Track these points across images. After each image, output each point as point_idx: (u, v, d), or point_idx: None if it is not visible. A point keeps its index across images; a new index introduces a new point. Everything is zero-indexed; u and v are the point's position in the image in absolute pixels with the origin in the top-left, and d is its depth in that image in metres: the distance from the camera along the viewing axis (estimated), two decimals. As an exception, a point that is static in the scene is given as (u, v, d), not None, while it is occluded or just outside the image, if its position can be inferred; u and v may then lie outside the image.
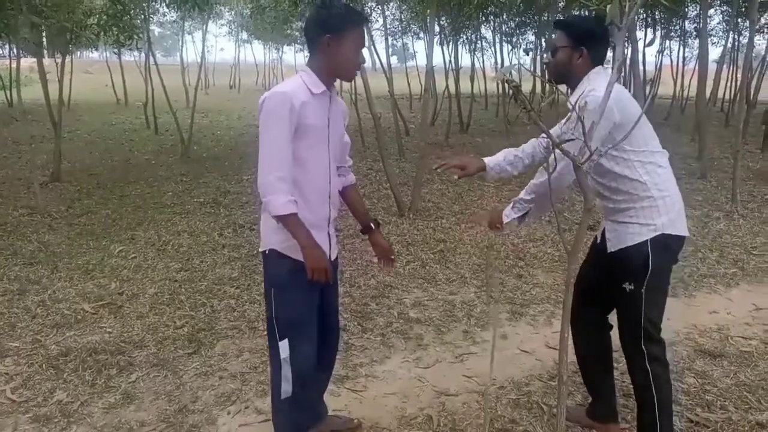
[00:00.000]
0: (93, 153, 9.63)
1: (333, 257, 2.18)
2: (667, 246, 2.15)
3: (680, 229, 2.17)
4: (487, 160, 2.40)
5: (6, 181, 7.23)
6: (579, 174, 1.70)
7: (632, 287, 2.17)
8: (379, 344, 3.31)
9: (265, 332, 2.53)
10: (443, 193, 6.87)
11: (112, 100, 19.25)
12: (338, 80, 2.14)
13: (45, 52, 14.40)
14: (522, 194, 2.31)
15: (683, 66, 16.52)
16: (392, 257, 2.37)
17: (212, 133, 12.33)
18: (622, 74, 10.87)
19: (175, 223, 5.56)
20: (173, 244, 4.95)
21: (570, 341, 2.38)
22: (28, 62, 24.78)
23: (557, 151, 1.54)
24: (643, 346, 2.22)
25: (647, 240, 2.12)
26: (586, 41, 2.17)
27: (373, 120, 6.30)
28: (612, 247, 2.24)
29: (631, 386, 2.33)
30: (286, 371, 2.07)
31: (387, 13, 17.69)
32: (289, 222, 1.93)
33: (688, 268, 4.46)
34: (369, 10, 14.76)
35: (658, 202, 2.13)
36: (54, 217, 5.68)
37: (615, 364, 2.57)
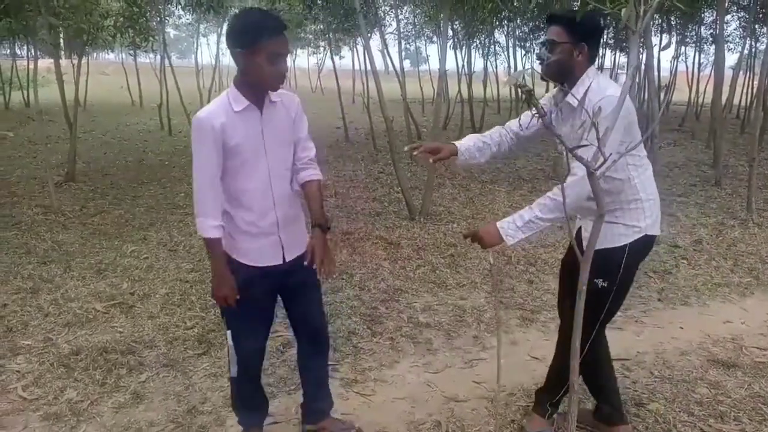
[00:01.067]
0: (107, 153, 9.73)
1: (288, 259, 2.19)
2: (646, 246, 2.21)
3: (658, 229, 2.23)
4: (458, 143, 2.40)
5: (21, 180, 7.32)
6: (592, 180, 1.68)
7: (605, 285, 2.18)
8: (388, 348, 3.30)
9: (272, 333, 2.73)
10: (454, 198, 6.85)
11: (127, 101, 19.44)
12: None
13: (62, 53, 14.58)
14: (538, 212, 2.07)
15: (699, 72, 16.38)
16: (313, 261, 2.13)
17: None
18: (637, 80, 10.79)
19: (187, 224, 5.59)
20: (185, 245, 4.97)
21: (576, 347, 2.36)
22: (45, 63, 25.10)
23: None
24: (591, 337, 2.23)
25: (627, 243, 2.15)
26: (588, 38, 2.11)
27: (385, 123, 6.30)
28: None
29: (635, 390, 2.32)
30: (232, 356, 2.24)
31: (401, 16, 17.75)
32: (209, 244, 2.07)
33: (701, 277, 4.41)
34: (383, 14, 14.80)
35: (644, 204, 2.16)
36: (68, 217, 5.73)
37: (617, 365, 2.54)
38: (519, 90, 1.57)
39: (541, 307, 3.86)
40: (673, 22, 14.39)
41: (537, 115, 1.68)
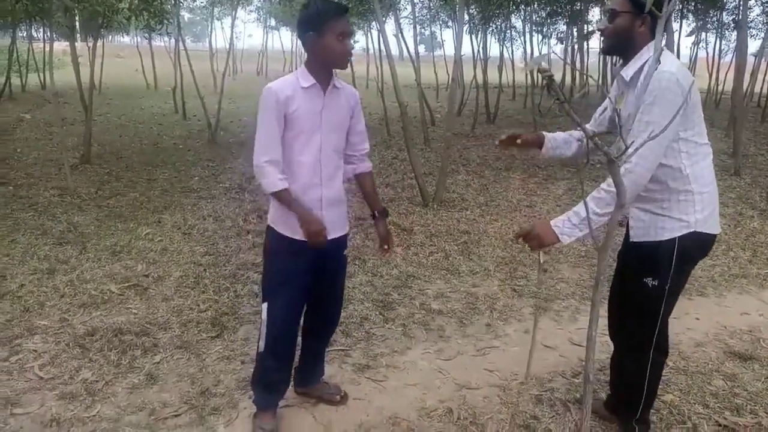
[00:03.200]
0: (122, 136, 9.78)
1: (330, 237, 2.28)
2: (697, 244, 2.05)
3: (713, 227, 2.06)
4: (545, 133, 2.34)
5: (37, 163, 7.38)
6: (612, 168, 1.64)
7: (655, 283, 2.06)
8: (400, 335, 3.30)
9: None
10: (468, 184, 6.81)
11: (142, 84, 19.50)
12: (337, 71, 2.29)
13: (77, 36, 14.62)
14: (594, 206, 1.96)
15: (719, 59, 16.06)
16: (386, 247, 2.49)
17: (239, 119, 12.41)
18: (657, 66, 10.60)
19: (201, 207, 5.61)
20: (199, 228, 5.00)
21: (597, 340, 2.33)
22: (61, 46, 25.24)
23: (631, 145, 1.43)
24: (651, 350, 2.15)
25: (677, 237, 2.01)
26: (650, 10, 2.01)
27: (400, 109, 6.25)
28: (636, 236, 2.12)
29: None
30: (263, 330, 2.34)
31: (416, 1, 17.56)
32: (281, 197, 2.20)
33: (719, 268, 4.35)
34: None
35: (695, 197, 2.00)
36: (83, 199, 5.78)
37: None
38: (539, 75, 1.53)
39: (554, 296, 3.83)
40: (693, 7, 14.10)
41: (557, 100, 1.64)
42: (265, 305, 2.33)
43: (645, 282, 2.08)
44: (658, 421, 2.51)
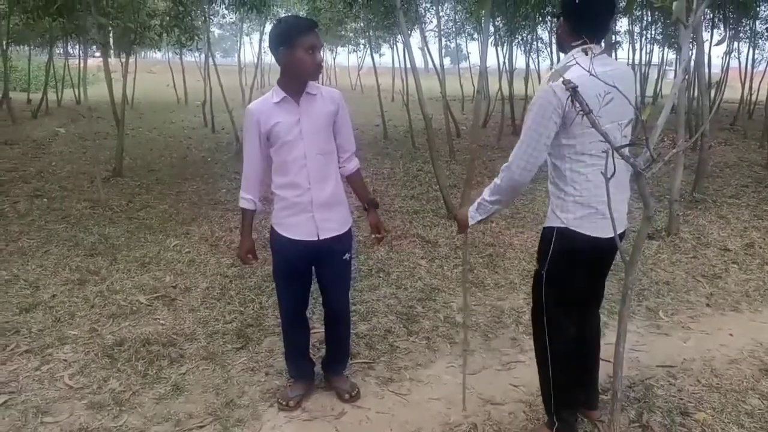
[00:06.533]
0: (153, 150, 9.99)
1: (322, 237, 2.52)
2: (573, 242, 2.18)
3: (591, 230, 2.16)
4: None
5: (71, 175, 7.58)
6: (640, 181, 1.62)
7: (537, 268, 2.29)
8: (424, 348, 3.27)
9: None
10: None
11: (172, 99, 19.92)
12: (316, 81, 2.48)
13: (111, 52, 15.04)
14: (486, 195, 2.29)
15: (752, 69, 15.71)
16: (379, 235, 2.73)
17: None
18: (686, 76, 10.42)
19: (228, 219, 5.68)
20: (225, 240, 5.06)
21: (625, 355, 2.28)
22: (95, 62, 25.97)
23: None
24: (546, 340, 2.33)
25: (554, 227, 2.20)
26: (564, 12, 2.19)
27: (425, 121, 6.26)
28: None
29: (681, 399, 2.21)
30: (280, 308, 2.72)
31: (441, 13, 17.62)
32: (242, 212, 2.60)
33: (753, 282, 4.22)
34: (423, 11, 14.70)
35: (568, 198, 2.16)
36: (115, 211, 5.90)
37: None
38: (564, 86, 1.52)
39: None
40: (725, 16, 13.84)
41: (581, 111, 1.62)
42: (276, 290, 2.70)
43: (536, 267, 2.31)
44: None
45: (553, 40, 16.98)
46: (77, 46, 18.67)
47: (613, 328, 3.45)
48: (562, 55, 2.33)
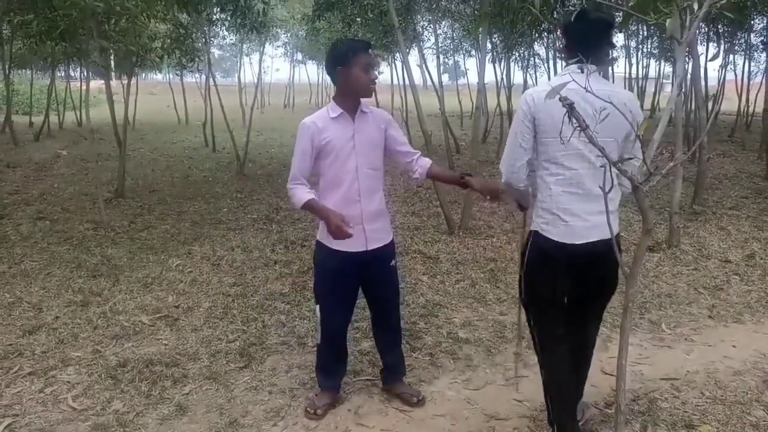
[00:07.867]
0: (155, 170, 10.04)
1: (370, 247, 2.63)
2: (543, 244, 2.27)
3: (557, 235, 2.24)
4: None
5: (73, 197, 7.62)
6: (638, 194, 1.64)
7: (519, 267, 2.42)
8: (427, 364, 3.27)
9: (314, 348, 3.19)
10: (494, 212, 6.78)
11: (173, 119, 20.06)
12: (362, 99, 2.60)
13: (112, 74, 15.18)
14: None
15: (749, 81, 15.82)
16: (492, 196, 2.59)
17: (266, 151, 12.65)
18: (683, 90, 10.50)
19: (230, 238, 5.70)
20: (227, 260, 5.07)
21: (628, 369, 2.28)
22: (97, 84, 26.19)
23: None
24: (536, 339, 2.48)
25: (531, 231, 2.33)
26: (561, 30, 2.34)
27: (424, 137, 6.31)
28: None
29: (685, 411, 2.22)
30: (318, 327, 2.75)
31: (439, 31, 17.79)
32: (310, 206, 2.51)
33: (755, 293, 4.22)
34: (421, 30, 14.85)
35: (538, 204, 2.30)
36: (117, 232, 5.92)
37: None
38: (561, 103, 1.54)
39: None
40: (720, 31, 13.98)
41: (578, 127, 1.65)
42: (317, 307, 2.72)
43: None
44: None
45: (550, 56, 17.16)
46: (79, 69, 18.85)
47: (615, 341, 3.45)
48: (560, 69, 2.46)
